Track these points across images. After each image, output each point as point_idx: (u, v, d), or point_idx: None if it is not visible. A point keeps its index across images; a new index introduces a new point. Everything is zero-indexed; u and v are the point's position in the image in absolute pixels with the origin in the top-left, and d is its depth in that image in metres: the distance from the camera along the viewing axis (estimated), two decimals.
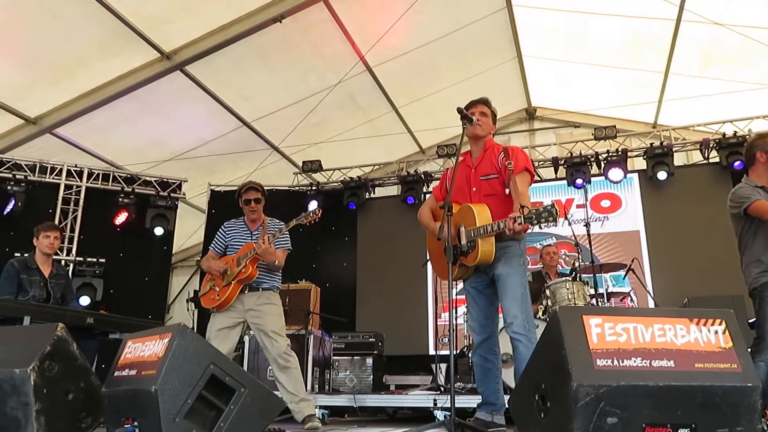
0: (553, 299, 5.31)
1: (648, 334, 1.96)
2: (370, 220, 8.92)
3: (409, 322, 8.02)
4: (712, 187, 7.42)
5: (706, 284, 6.67)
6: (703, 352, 1.94)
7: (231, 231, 4.33)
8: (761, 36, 6.70)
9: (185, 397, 2.23)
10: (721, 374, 1.91)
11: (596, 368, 1.87)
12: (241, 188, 4.33)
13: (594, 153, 8.00)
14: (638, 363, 1.90)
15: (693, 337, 1.97)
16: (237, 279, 4.03)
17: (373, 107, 8.88)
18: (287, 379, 3.97)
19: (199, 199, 9.05)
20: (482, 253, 3.13)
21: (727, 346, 1.96)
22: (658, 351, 1.93)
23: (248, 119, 8.16)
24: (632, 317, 1.98)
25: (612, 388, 1.83)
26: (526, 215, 2.86)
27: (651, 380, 1.86)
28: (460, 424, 2.78)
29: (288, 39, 7.11)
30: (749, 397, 1.89)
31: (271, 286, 4.19)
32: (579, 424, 1.82)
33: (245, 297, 4.09)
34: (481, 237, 3.11)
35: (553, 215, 2.77)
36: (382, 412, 6.06)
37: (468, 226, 3.19)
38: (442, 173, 3.83)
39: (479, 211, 3.18)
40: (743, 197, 3.60)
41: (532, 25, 8.12)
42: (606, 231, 7.95)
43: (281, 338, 4.01)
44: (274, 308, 4.12)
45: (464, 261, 3.23)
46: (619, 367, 1.89)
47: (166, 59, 6.78)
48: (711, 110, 8.03)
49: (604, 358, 1.89)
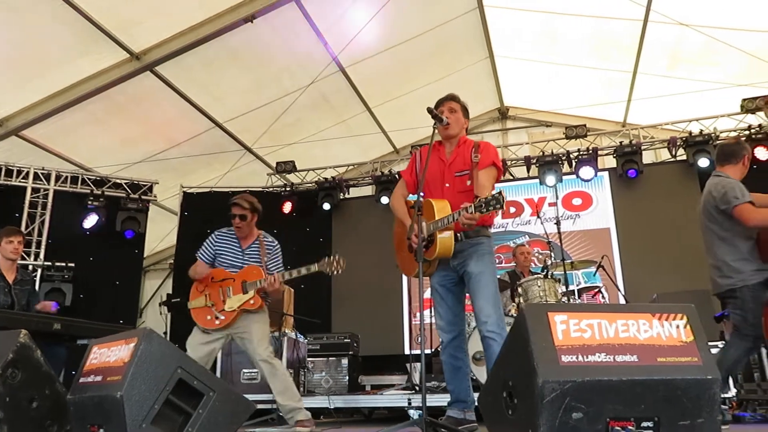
0: (525, 297, 5.36)
1: (612, 330, 1.98)
2: (344, 220, 8.91)
3: (384, 322, 8.03)
4: (680, 184, 7.57)
5: (674, 280, 6.79)
6: (665, 347, 1.98)
7: (221, 242, 4.21)
8: (725, 36, 6.85)
9: (152, 402, 2.20)
10: (683, 368, 1.94)
11: (561, 364, 1.89)
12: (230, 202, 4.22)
13: (565, 152, 8.10)
14: (602, 358, 1.92)
15: (655, 332, 2.00)
16: (243, 306, 3.98)
17: (346, 107, 8.88)
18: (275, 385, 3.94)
19: (171, 201, 8.94)
20: (441, 246, 3.15)
21: (688, 340, 2.00)
22: (621, 346, 1.96)
23: (220, 120, 8.09)
24: (596, 313, 2.01)
25: (577, 384, 1.85)
26: (476, 204, 2.89)
27: (615, 375, 1.89)
28: (432, 422, 2.79)
29: (260, 39, 7.07)
30: (709, 390, 1.93)
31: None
32: (545, 420, 1.83)
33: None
34: (438, 230, 3.13)
35: (500, 202, 2.81)
36: (359, 412, 6.06)
37: (428, 221, 3.22)
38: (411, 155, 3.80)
39: (438, 206, 3.20)
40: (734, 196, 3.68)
41: (503, 25, 8.20)
42: (578, 228, 8.05)
43: (264, 347, 3.98)
44: (260, 317, 4.10)
45: (425, 255, 3.23)
46: (583, 362, 1.90)
47: (136, 60, 6.69)
48: (678, 109, 8.20)
49: (569, 354, 1.91)
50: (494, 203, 2.84)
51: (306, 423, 3.89)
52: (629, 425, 1.89)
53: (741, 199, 3.63)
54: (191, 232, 8.06)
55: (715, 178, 3.90)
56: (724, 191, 3.72)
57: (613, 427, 1.88)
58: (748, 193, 3.68)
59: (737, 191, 3.67)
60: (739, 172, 3.89)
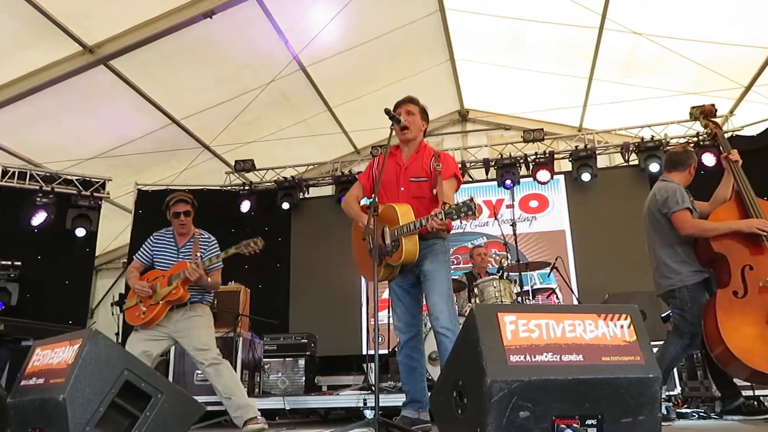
0: (481, 297, 5.44)
1: (559, 330, 2.03)
2: (304, 220, 8.86)
3: (342, 323, 8.02)
4: (632, 188, 7.80)
5: (625, 281, 6.97)
6: (609, 346, 2.03)
7: (159, 243, 4.19)
8: (676, 46, 7.09)
9: (96, 404, 2.14)
10: (626, 367, 2.00)
11: (510, 364, 1.92)
12: (169, 200, 4.17)
13: (523, 155, 8.25)
14: (549, 358, 1.96)
15: (600, 332, 2.05)
16: (166, 299, 3.91)
17: (307, 106, 8.82)
18: (220, 388, 3.88)
19: (125, 199, 8.72)
20: (406, 252, 3.15)
21: (631, 340, 2.06)
22: (568, 346, 2.00)
23: (178, 117, 7.93)
24: (544, 314, 2.05)
25: (524, 383, 1.89)
26: (446, 210, 2.92)
27: (561, 374, 1.93)
28: (385, 422, 2.80)
29: (219, 35, 6.95)
30: (651, 388, 1.99)
31: (199, 299, 4.09)
32: (492, 419, 1.86)
33: (172, 314, 3.98)
34: (404, 235, 3.14)
35: (472, 209, 2.84)
36: (315, 413, 6.03)
37: (391, 226, 3.22)
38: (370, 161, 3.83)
39: (402, 211, 3.21)
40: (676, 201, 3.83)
41: (464, 29, 8.28)
42: (534, 230, 8.21)
43: (207, 351, 3.91)
44: (200, 320, 4.02)
45: (389, 261, 3.25)
46: (531, 362, 1.94)
47: (89, 53, 6.49)
48: (631, 115, 8.44)
49: (517, 353, 1.95)
50: (466, 209, 2.87)
51: (256, 421, 3.84)
52: (574, 423, 1.93)
53: (680, 205, 3.79)
54: (146, 230, 7.73)
55: (660, 182, 4.05)
56: (666, 196, 3.87)
57: (558, 425, 1.92)
58: (688, 200, 3.84)
59: (678, 197, 3.83)
60: (685, 180, 4.05)
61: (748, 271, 3.60)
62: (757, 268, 3.58)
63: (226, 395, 3.86)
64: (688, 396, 4.96)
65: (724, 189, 3.97)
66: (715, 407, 4.10)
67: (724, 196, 3.94)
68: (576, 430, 1.92)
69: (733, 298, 3.57)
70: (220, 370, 3.89)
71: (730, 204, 3.87)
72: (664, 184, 4.00)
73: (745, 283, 3.58)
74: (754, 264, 3.60)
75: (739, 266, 3.64)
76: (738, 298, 3.56)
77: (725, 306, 3.56)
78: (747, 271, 3.61)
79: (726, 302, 3.57)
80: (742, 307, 3.53)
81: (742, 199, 3.81)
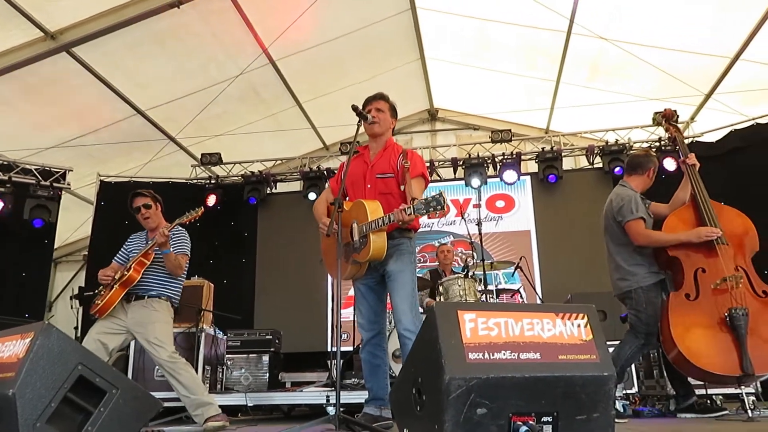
0: (446, 295, 5.47)
1: (518, 328, 2.05)
2: (271, 215, 8.79)
3: (308, 319, 7.98)
4: (596, 190, 7.93)
5: (588, 281, 7.10)
6: (566, 345, 2.06)
7: (132, 242, 4.22)
8: (641, 52, 7.24)
9: (48, 400, 2.09)
10: (582, 365, 2.03)
11: (468, 361, 1.93)
12: (128, 199, 4.15)
13: (491, 155, 8.33)
14: (507, 356, 1.98)
15: (558, 331, 2.08)
16: (120, 282, 3.86)
17: (276, 101, 8.74)
18: (178, 385, 3.82)
19: (87, 191, 8.51)
20: (374, 248, 3.14)
21: (587, 339, 2.09)
22: (526, 344, 2.03)
23: (143, 107, 7.77)
24: (504, 312, 2.07)
25: (482, 381, 1.90)
26: (416, 205, 2.92)
27: (518, 372, 1.95)
28: (346, 419, 2.79)
29: (187, 26, 6.84)
30: (605, 386, 2.03)
31: (159, 294, 4.01)
32: (450, 416, 1.87)
33: (130, 307, 3.94)
34: (372, 231, 3.13)
35: (441, 204, 2.85)
36: (278, 410, 5.99)
37: (360, 222, 3.21)
38: (340, 164, 3.83)
39: (371, 207, 3.19)
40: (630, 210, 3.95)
41: (435, 28, 8.31)
42: (500, 230, 8.29)
43: (161, 347, 3.84)
44: (156, 315, 3.94)
45: (357, 257, 3.24)
46: (489, 360, 1.96)
47: (51, 39, 6.30)
48: (596, 119, 8.60)
49: (476, 351, 1.96)
50: (435, 204, 2.87)
51: (218, 418, 3.79)
52: (530, 420, 1.96)
53: (634, 215, 3.91)
54: (107, 222, 7.72)
55: (619, 187, 4.15)
56: (621, 204, 4.00)
57: (514, 422, 1.94)
58: (642, 208, 3.95)
59: (632, 206, 3.94)
60: (643, 184, 4.16)
61: (700, 273, 3.70)
62: (709, 270, 3.68)
63: (184, 394, 3.81)
64: (645, 394, 5.08)
65: (683, 192, 4.08)
66: (669, 405, 4.21)
67: (683, 198, 4.06)
68: (532, 427, 1.94)
69: (685, 300, 3.67)
70: (176, 368, 3.83)
71: (686, 207, 3.98)
72: (621, 190, 4.10)
73: (698, 285, 3.68)
74: (706, 267, 3.70)
75: (692, 269, 3.74)
76: (690, 301, 3.66)
77: (677, 309, 3.66)
78: (699, 273, 3.71)
79: (678, 305, 3.67)
80: (694, 309, 3.62)
81: (696, 202, 3.92)
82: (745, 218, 3.90)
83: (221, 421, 3.79)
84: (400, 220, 3.01)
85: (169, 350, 3.87)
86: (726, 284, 3.60)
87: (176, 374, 3.82)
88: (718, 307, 3.56)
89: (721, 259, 3.68)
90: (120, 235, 4.52)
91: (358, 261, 3.26)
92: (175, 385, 3.82)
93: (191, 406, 3.82)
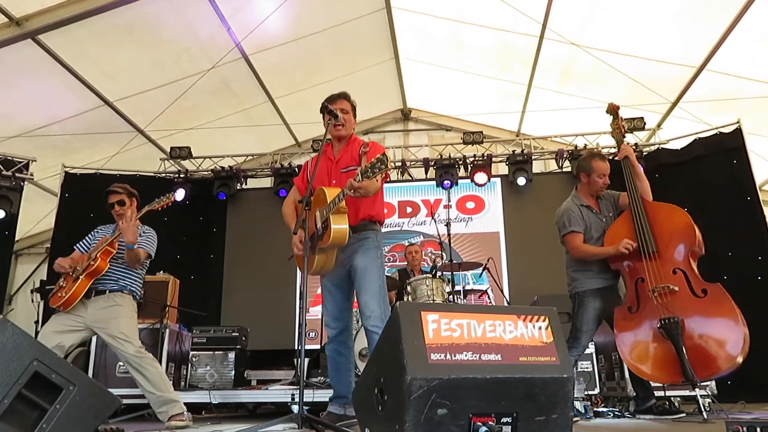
0: (414, 295, 5.49)
1: (480, 330, 2.07)
2: (240, 211, 8.70)
3: (276, 317, 7.93)
4: (565, 193, 7.82)
5: (555, 283, 7.14)
6: (527, 346, 2.09)
7: (100, 234, 4.14)
8: (610, 59, 7.37)
9: (1, 396, 2.03)
10: (542, 367, 2.06)
11: (430, 362, 1.94)
12: (104, 195, 4.06)
13: (462, 156, 8.38)
14: (469, 357, 2.00)
15: (519, 333, 2.11)
16: (86, 272, 3.76)
17: (248, 96, 8.65)
18: (143, 381, 3.76)
19: (51, 182, 8.31)
20: (335, 231, 3.13)
21: (548, 341, 2.13)
22: (487, 345, 2.05)
23: (111, 98, 7.61)
24: (467, 313, 2.09)
25: (443, 381, 1.92)
26: (362, 170, 2.92)
27: (479, 373, 1.97)
28: (308, 418, 2.78)
29: (158, 16, 6.72)
30: (564, 387, 2.07)
31: (120, 287, 3.93)
32: (411, 416, 1.89)
33: (90, 303, 3.83)
34: (332, 213, 3.12)
35: (384, 162, 2.85)
36: (244, 407, 5.94)
37: (322, 208, 3.22)
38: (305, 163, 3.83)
39: (330, 192, 3.21)
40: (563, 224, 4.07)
41: (409, 28, 8.33)
42: (470, 231, 8.35)
43: (128, 342, 3.77)
44: (120, 310, 3.86)
45: (320, 244, 3.23)
46: (451, 360, 1.98)
47: (16, 25, 6.13)
48: (566, 123, 8.72)
49: (438, 352, 1.98)
50: (379, 165, 2.87)
51: (182, 417, 3.74)
52: (490, 421, 1.98)
53: (567, 228, 4.05)
54: (72, 215, 7.55)
55: (568, 199, 4.22)
56: (558, 218, 4.15)
57: (474, 423, 1.96)
58: (576, 221, 4.04)
59: (565, 220, 4.07)
60: (586, 189, 4.23)
61: (640, 283, 3.74)
62: (647, 280, 3.68)
63: (150, 390, 3.74)
64: (606, 395, 5.18)
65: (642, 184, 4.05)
66: (629, 406, 4.30)
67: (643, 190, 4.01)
68: (491, 427, 1.97)
69: (628, 313, 3.74)
70: (143, 364, 3.76)
71: (623, 216, 3.98)
72: (564, 204, 4.20)
73: (638, 296, 3.73)
74: (645, 276, 3.70)
75: (632, 280, 3.80)
76: (632, 314, 3.72)
77: (621, 322, 3.76)
78: (639, 284, 3.75)
79: (621, 318, 3.76)
80: (635, 321, 3.68)
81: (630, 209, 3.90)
82: (681, 214, 3.77)
83: (185, 420, 3.74)
84: (351, 188, 3.01)
85: (136, 345, 3.80)
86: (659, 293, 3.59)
87: (143, 370, 3.75)
88: (656, 314, 3.57)
89: (655, 266, 3.66)
90: (84, 228, 4.42)
91: (322, 248, 3.25)
92: (141, 380, 3.75)
93: (156, 403, 3.76)
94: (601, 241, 4.02)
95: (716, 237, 5.53)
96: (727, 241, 6.56)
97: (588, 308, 3.96)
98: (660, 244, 3.72)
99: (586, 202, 4.16)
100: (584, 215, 4.10)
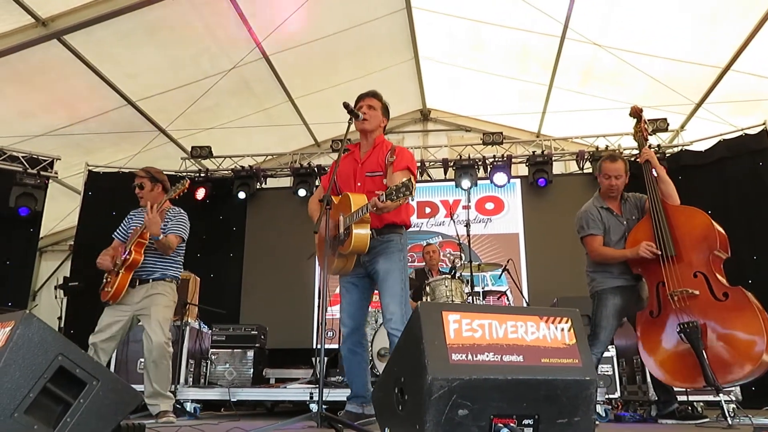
0: (433, 296, 5.48)
1: (501, 331, 2.06)
2: (260, 210, 8.75)
3: (294, 316, 7.96)
4: (585, 195, 7.81)
5: (574, 285, 7.07)
6: (549, 348, 2.07)
7: (133, 219, 4.25)
8: (633, 60, 7.28)
9: (27, 390, 2.05)
10: (564, 369, 2.04)
11: (451, 362, 1.93)
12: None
13: (482, 157, 8.34)
14: (490, 357, 1.98)
15: (541, 334, 2.09)
16: (124, 266, 3.90)
17: (268, 96, 8.70)
18: (154, 372, 3.88)
19: (75, 180, 8.44)
20: (356, 239, 3.14)
21: (570, 343, 2.10)
22: (509, 346, 2.03)
23: (133, 98, 7.71)
24: (488, 314, 2.07)
25: (464, 382, 1.90)
26: (387, 192, 2.92)
27: (500, 374, 1.95)
28: (327, 416, 2.78)
29: (180, 17, 6.79)
30: (587, 390, 2.04)
31: (162, 276, 4.07)
32: (431, 417, 1.88)
33: (135, 291, 3.98)
34: (354, 223, 3.13)
35: (409, 188, 2.86)
36: (262, 405, 5.97)
37: (346, 214, 3.22)
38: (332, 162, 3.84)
39: (356, 200, 3.20)
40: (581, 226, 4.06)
41: (430, 28, 8.31)
42: (488, 232, 8.31)
43: (161, 331, 3.91)
44: (161, 298, 4.01)
45: (341, 250, 3.24)
46: (472, 361, 1.96)
47: (42, 26, 6.24)
48: (587, 124, 8.64)
49: (459, 352, 1.96)
50: (404, 190, 2.87)
51: (169, 414, 3.87)
52: (511, 422, 1.96)
53: (585, 231, 4.03)
54: (94, 212, 7.67)
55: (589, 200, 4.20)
56: (577, 221, 4.12)
57: (495, 424, 1.95)
58: (594, 223, 4.01)
59: (583, 222, 4.05)
60: (603, 188, 4.18)
61: (661, 288, 3.68)
62: (668, 284, 3.62)
63: (154, 380, 3.87)
64: (627, 399, 5.12)
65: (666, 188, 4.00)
66: (651, 411, 4.24)
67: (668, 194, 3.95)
68: (512, 429, 1.95)
69: (650, 318, 3.70)
70: (164, 355, 3.90)
71: (644, 220, 3.92)
72: (584, 205, 4.18)
73: (659, 300, 3.67)
74: (665, 280, 3.64)
75: (654, 284, 3.74)
76: (654, 318, 3.67)
77: (643, 326, 3.72)
78: (660, 288, 3.69)
79: (644, 323, 3.73)
80: (658, 326, 3.63)
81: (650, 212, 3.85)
82: (702, 217, 3.69)
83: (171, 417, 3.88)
84: (374, 206, 3.01)
85: (167, 336, 3.95)
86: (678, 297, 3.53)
87: (159, 362, 3.89)
88: (678, 318, 3.51)
89: (675, 269, 3.60)
90: (107, 226, 4.51)
91: (342, 254, 3.26)
92: (152, 370, 3.88)
93: (151, 395, 3.88)
94: (622, 243, 3.97)
95: (740, 240, 5.45)
96: (751, 244, 6.45)
97: (607, 304, 3.91)
98: (680, 248, 3.66)
99: (607, 204, 4.11)
100: (603, 217, 4.06)
